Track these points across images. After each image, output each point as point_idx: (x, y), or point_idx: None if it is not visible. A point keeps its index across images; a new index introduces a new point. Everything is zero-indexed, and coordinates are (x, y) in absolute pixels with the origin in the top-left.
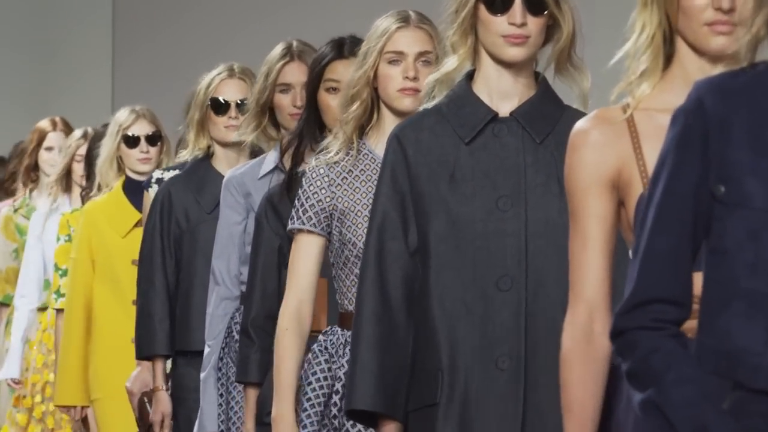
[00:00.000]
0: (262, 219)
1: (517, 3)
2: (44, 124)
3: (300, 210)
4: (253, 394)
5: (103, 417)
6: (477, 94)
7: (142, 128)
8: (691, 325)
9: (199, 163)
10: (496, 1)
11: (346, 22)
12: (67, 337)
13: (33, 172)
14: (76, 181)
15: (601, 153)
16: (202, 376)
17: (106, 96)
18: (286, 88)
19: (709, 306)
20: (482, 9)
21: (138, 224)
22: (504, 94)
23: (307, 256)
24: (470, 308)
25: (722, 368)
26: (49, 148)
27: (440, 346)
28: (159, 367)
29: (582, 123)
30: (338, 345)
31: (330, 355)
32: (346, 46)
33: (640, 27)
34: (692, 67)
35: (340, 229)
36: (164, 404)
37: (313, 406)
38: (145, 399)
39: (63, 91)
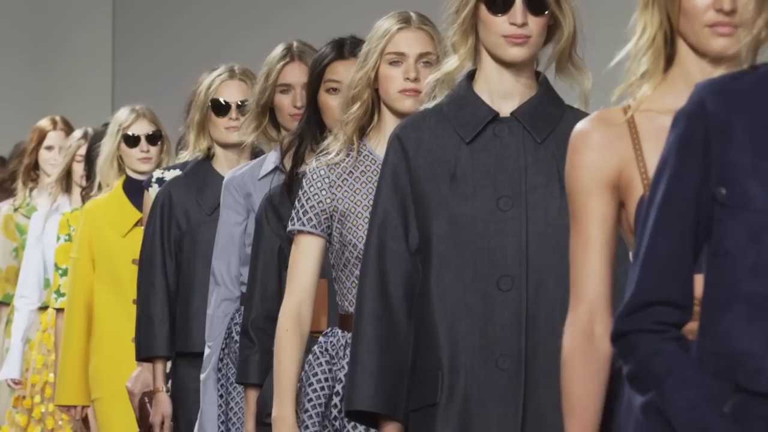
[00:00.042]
0: (263, 220)
1: (518, 3)
2: (44, 123)
3: (300, 211)
4: (253, 396)
5: (104, 417)
6: (478, 94)
7: (142, 128)
8: (692, 327)
9: (199, 165)
10: (497, 1)
11: (347, 22)
12: (68, 337)
13: (33, 171)
14: (76, 182)
15: (602, 154)
16: (202, 377)
17: (106, 96)
18: (287, 88)
19: (710, 308)
20: (483, 9)
21: (138, 223)
22: (505, 94)
23: (307, 257)
24: (471, 308)
25: (723, 371)
26: (50, 148)
27: (440, 345)
28: (159, 369)
29: (583, 124)
30: (338, 347)
31: (330, 356)
32: (346, 47)
33: (641, 28)
34: (693, 69)
35: (340, 231)
36: (164, 406)
37: (315, 407)
38: (146, 399)
39: (63, 91)
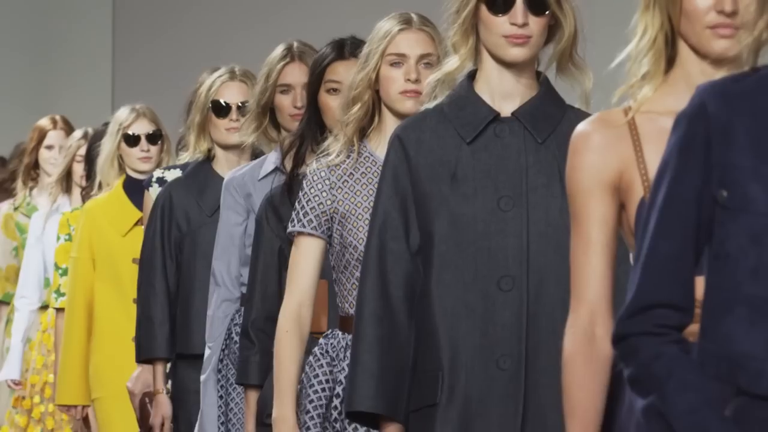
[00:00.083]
0: (263, 220)
1: (519, 3)
2: (44, 122)
3: (300, 213)
4: (253, 397)
5: (104, 416)
6: (479, 94)
7: (142, 127)
8: (693, 329)
9: (200, 166)
10: (498, 1)
11: (347, 22)
12: (68, 337)
13: (33, 171)
14: (76, 182)
15: (603, 156)
16: (202, 378)
17: (106, 96)
18: (287, 88)
19: (711, 311)
20: (483, 9)
21: (138, 223)
22: (506, 94)
23: (307, 258)
24: (471, 308)
25: (724, 373)
26: (50, 147)
27: (441, 346)
28: (159, 371)
29: (583, 126)
30: (339, 348)
31: (331, 358)
32: (346, 47)
33: (642, 29)
34: (694, 70)
35: (340, 233)
36: (164, 407)
37: (316, 408)
38: (147, 400)
39: (63, 91)
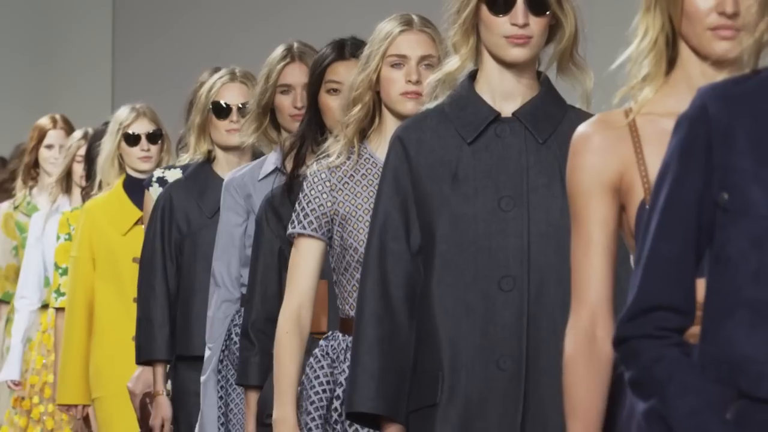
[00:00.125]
0: (263, 221)
1: (519, 3)
2: (44, 121)
3: (301, 214)
4: (253, 397)
5: (105, 416)
6: (479, 95)
7: (142, 126)
8: (694, 331)
9: (200, 168)
10: (498, 1)
11: (347, 23)
12: (68, 336)
13: (33, 170)
14: (76, 182)
15: (603, 157)
16: (202, 379)
17: (106, 96)
18: (287, 89)
19: (712, 314)
20: (484, 9)
21: (138, 222)
22: (506, 95)
23: (307, 260)
24: (472, 308)
25: (725, 377)
26: (50, 146)
27: (441, 346)
28: (159, 372)
29: (584, 127)
30: (339, 351)
31: (332, 360)
32: (347, 48)
33: (643, 31)
34: (695, 72)
35: (341, 234)
36: (164, 409)
37: (317, 410)
38: (147, 400)
39: (63, 90)
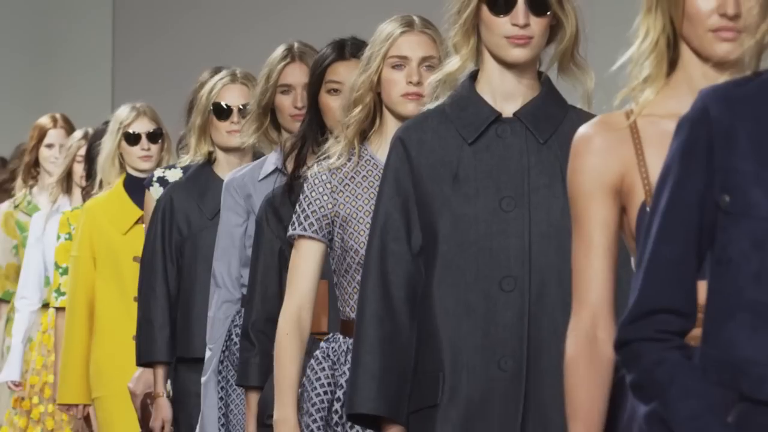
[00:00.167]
0: (263, 222)
1: (520, 4)
2: (44, 120)
3: (301, 216)
4: (253, 398)
5: (105, 415)
6: (480, 95)
7: (143, 125)
8: (695, 333)
9: (200, 169)
10: (499, 1)
11: (347, 23)
12: (69, 336)
13: (33, 169)
14: (77, 182)
15: (604, 159)
16: (203, 380)
17: (106, 95)
18: (287, 89)
19: (714, 316)
20: (485, 10)
21: (139, 221)
22: (507, 95)
23: (307, 261)
24: (473, 308)
25: (727, 379)
26: (50, 146)
27: (442, 346)
28: (159, 374)
29: (585, 129)
30: (340, 352)
31: (333, 361)
32: (347, 48)
33: (644, 32)
34: (696, 73)
35: (341, 236)
36: (164, 411)
37: (318, 411)
38: (148, 401)
39: (63, 90)
